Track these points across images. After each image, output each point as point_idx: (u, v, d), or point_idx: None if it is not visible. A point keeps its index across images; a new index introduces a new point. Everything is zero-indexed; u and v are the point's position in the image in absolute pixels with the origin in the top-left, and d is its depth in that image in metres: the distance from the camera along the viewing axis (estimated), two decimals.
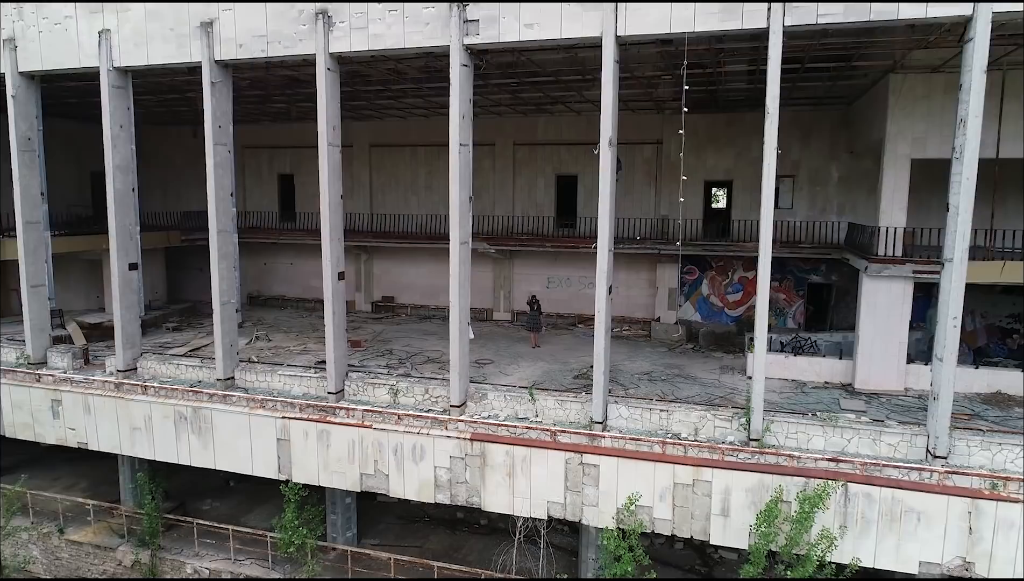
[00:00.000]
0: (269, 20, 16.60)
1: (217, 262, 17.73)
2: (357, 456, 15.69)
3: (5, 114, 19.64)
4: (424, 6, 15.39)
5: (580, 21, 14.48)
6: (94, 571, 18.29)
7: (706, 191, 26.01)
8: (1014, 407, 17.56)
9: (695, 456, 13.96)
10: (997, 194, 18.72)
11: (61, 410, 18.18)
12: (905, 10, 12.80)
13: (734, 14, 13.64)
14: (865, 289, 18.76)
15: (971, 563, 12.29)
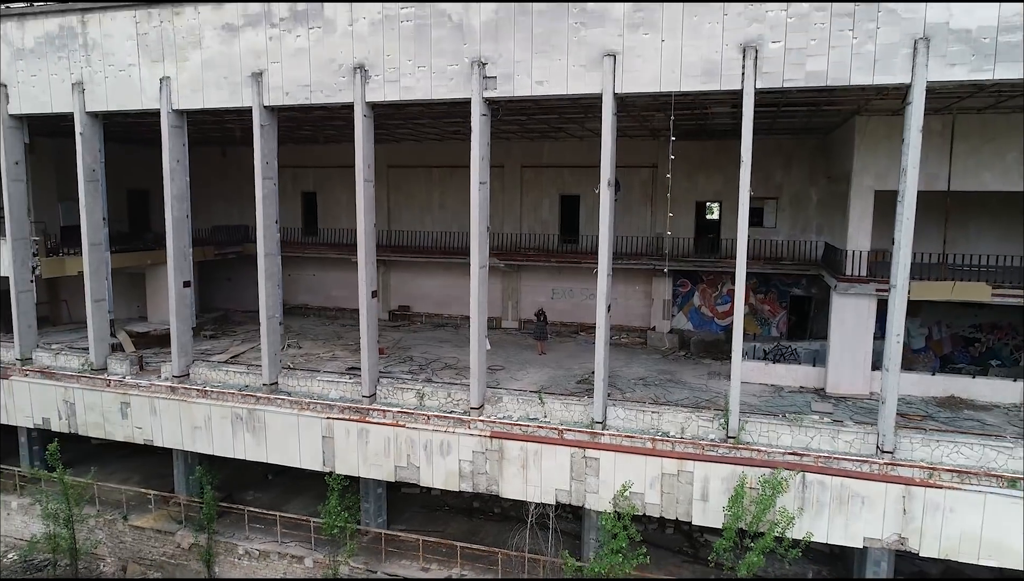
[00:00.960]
0: (312, 72, 19.26)
1: (264, 282, 20.38)
2: (392, 451, 18.40)
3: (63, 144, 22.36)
4: (449, 64, 18.05)
5: (583, 80, 17.14)
6: (155, 553, 20.96)
7: (697, 212, 28.67)
8: (964, 409, 20.24)
9: (680, 451, 16.64)
10: (949, 222, 21.49)
11: (129, 411, 20.88)
12: (856, 77, 15.47)
13: (714, 77, 16.31)
14: (835, 305, 21.42)
15: (905, 538, 14.99)
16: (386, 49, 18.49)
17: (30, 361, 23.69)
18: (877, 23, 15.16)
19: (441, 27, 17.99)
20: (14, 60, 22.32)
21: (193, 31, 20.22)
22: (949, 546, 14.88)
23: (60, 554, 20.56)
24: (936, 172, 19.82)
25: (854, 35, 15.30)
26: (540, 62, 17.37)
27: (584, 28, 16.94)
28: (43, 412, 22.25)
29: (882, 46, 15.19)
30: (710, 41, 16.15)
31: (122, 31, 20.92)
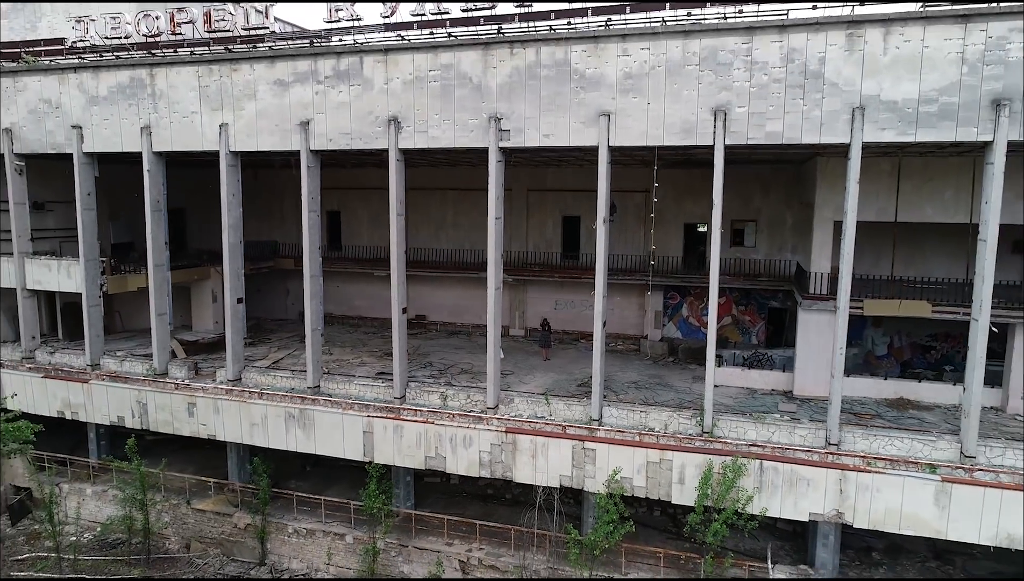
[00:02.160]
0: (352, 122, 22.96)
1: (309, 300, 24.10)
2: (423, 444, 22.13)
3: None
4: (470, 118, 21.74)
5: (583, 134, 20.84)
6: (215, 532, 24.68)
7: (686, 233, 32.33)
8: (910, 409, 23.90)
9: (663, 443, 20.36)
10: (905, 247, 25.19)
11: (195, 411, 24.61)
12: (806, 137, 19.17)
13: (691, 134, 20.01)
14: (800, 319, 25.10)
15: (842, 513, 18.72)
16: (416, 104, 22.21)
17: (98, 366, 27.41)
18: (823, 94, 18.87)
19: (463, 87, 21.70)
20: (89, 106, 26.02)
21: (249, 85, 23.93)
22: (876, 519, 18.62)
23: (134, 533, 24.28)
24: (885, 206, 23.54)
25: (804, 103, 19.02)
26: (547, 118, 21.09)
27: (583, 92, 20.65)
28: (118, 411, 25.98)
29: (827, 112, 18.91)
30: (687, 105, 19.86)
31: (186, 83, 24.64)
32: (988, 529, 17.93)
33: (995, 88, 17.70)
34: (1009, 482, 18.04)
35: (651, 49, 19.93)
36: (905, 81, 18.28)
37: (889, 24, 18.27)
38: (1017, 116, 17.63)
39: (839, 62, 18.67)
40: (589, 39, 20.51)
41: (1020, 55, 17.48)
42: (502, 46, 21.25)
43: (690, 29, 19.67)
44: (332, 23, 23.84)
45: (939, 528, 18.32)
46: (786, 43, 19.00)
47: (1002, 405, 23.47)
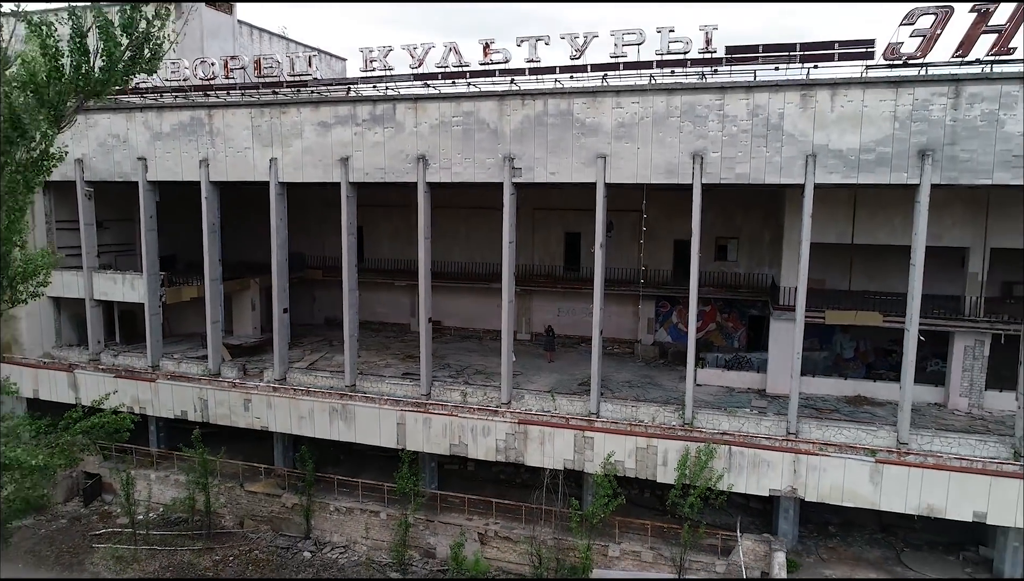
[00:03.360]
0: (386, 159, 27.18)
1: (348, 310, 28.31)
2: (448, 433, 26.37)
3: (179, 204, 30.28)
4: (487, 157, 25.95)
5: (583, 173, 25.04)
6: (265, 511, 28.91)
7: (675, 248, 36.50)
8: (865, 406, 28.11)
9: (650, 432, 24.59)
10: (864, 265, 29.36)
11: (250, 406, 28.84)
12: (768, 178, 23.39)
13: (673, 174, 24.22)
14: (772, 327, 29.28)
15: (795, 488, 22.98)
16: (441, 145, 26.43)
17: (158, 368, 31.63)
18: (782, 143, 23.09)
19: (482, 131, 25.92)
20: (153, 140, 30.23)
21: (296, 125, 28.15)
22: (823, 493, 22.90)
23: (195, 512, 28.50)
24: (844, 230, 27.75)
25: (767, 150, 23.24)
26: (553, 159, 25.31)
27: (584, 137, 24.87)
28: (181, 406, 30.21)
29: (785, 158, 23.13)
30: (670, 150, 24.09)
31: (240, 123, 28.84)
32: (912, 501, 22.19)
33: (921, 141, 21.92)
34: (932, 461, 22.29)
35: (640, 103, 24.15)
36: (849, 134, 22.51)
37: (835, 87, 22.50)
38: (939, 164, 21.86)
39: (795, 117, 22.89)
40: (589, 93, 24.74)
41: (940, 114, 21.70)
42: (515, 98, 25.49)
43: (673, 87, 23.90)
44: (367, 72, 28.08)
45: (873, 500, 22.58)
46: (752, 100, 23.22)
47: (945, 402, 27.70)
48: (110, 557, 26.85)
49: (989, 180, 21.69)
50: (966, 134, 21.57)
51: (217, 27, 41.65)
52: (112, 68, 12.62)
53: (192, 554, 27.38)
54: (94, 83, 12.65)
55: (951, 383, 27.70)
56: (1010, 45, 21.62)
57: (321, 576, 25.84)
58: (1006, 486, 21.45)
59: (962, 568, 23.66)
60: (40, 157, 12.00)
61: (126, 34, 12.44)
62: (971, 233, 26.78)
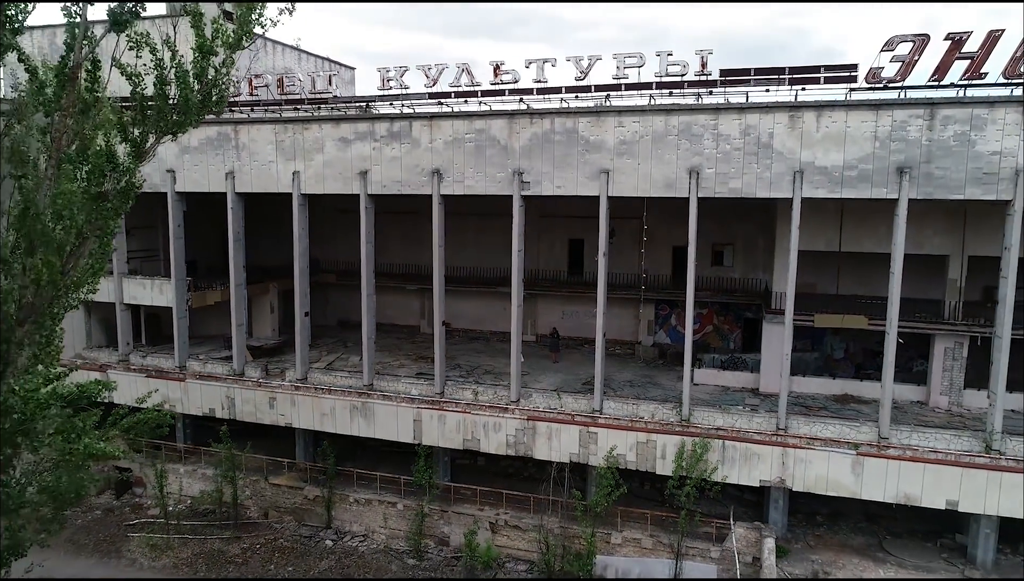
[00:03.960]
0: (403, 173, 29.17)
1: (366, 315, 30.32)
2: (461, 429, 28.39)
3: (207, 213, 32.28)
4: (497, 172, 27.94)
5: (587, 187, 27.04)
6: (288, 502, 30.93)
7: (674, 254, 38.49)
8: (851, 404, 30.11)
9: (650, 428, 26.61)
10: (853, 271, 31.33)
11: (275, 403, 30.87)
12: (759, 192, 25.39)
13: (671, 188, 26.21)
14: (764, 329, 31.28)
15: (784, 479, 25.00)
16: (455, 160, 28.43)
17: (185, 368, 33.65)
18: (771, 160, 25.09)
19: (493, 148, 27.92)
20: (181, 154, 32.23)
21: (317, 141, 30.15)
22: (808, 484, 24.92)
23: (222, 504, 30.51)
24: (831, 238, 29.76)
25: (757, 166, 25.24)
26: (559, 173, 27.32)
27: (588, 153, 26.87)
28: (209, 404, 32.24)
29: (775, 174, 25.13)
30: (669, 165, 26.09)
31: (265, 138, 30.84)
32: (891, 491, 24.21)
33: (899, 158, 23.93)
34: (910, 454, 24.32)
35: (641, 122, 26.16)
36: (833, 152, 24.51)
37: (821, 109, 24.52)
38: (916, 180, 23.86)
39: (784, 136, 24.90)
40: (593, 113, 26.75)
41: (917, 135, 23.70)
42: (524, 116, 27.49)
43: (671, 108, 25.92)
44: (384, 90, 30.09)
45: (855, 490, 24.61)
46: (744, 121, 25.22)
47: (927, 400, 29.72)
48: (145, 545, 28.86)
49: (961, 195, 23.70)
50: (940, 153, 23.57)
51: None
52: (188, 111, 14.64)
53: (221, 542, 29.39)
54: (171, 125, 14.68)
55: (932, 382, 29.69)
56: (982, 70, 23.62)
57: (344, 562, 27.86)
58: (976, 476, 23.49)
59: (939, 553, 25.66)
60: (127, 187, 14.02)
61: (198, 80, 14.43)
62: (950, 242, 28.78)
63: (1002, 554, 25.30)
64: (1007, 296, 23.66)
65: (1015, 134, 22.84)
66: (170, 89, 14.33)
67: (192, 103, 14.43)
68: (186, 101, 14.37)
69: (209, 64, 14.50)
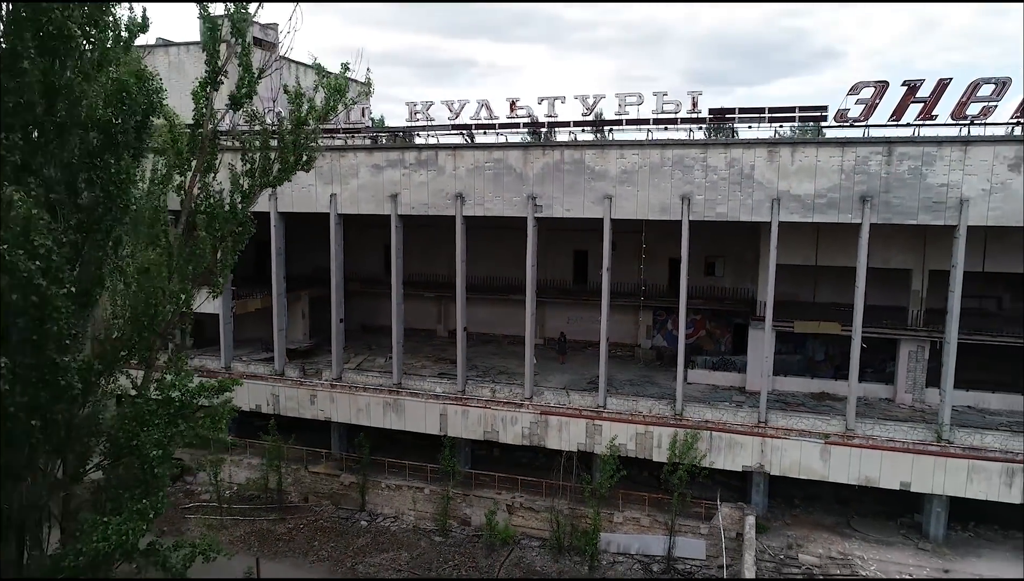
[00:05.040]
0: (429, 196, 33.33)
1: (395, 322, 34.46)
2: (482, 422, 32.57)
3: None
4: (513, 196, 32.08)
5: (592, 210, 31.19)
6: (326, 488, 35.08)
7: (670, 265, 42.64)
8: (827, 401, 34.30)
9: (648, 421, 30.81)
10: (832, 281, 35.53)
11: (316, 400, 35.04)
12: (742, 217, 29.55)
13: (666, 212, 30.37)
14: (751, 334, 35.45)
15: (763, 465, 29.22)
16: (475, 185, 32.58)
17: (230, 369, 37.80)
18: (753, 189, 29.25)
19: (509, 175, 32.07)
20: None
21: (352, 167, 34.29)
22: (784, 468, 29.12)
23: (267, 490, 34.65)
24: (809, 254, 33.96)
25: (741, 194, 29.41)
26: (568, 198, 31.48)
27: (593, 181, 31.03)
28: (256, 401, 36.38)
29: (756, 201, 29.30)
30: (664, 192, 30.25)
31: None
32: (853, 474, 28.43)
33: (862, 189, 28.10)
34: (870, 443, 28.54)
35: (639, 155, 30.33)
36: (805, 182, 28.69)
37: (795, 145, 28.69)
38: (876, 207, 28.03)
39: (763, 168, 29.07)
40: (598, 146, 30.94)
41: (877, 168, 27.87)
42: (537, 148, 31.67)
43: (666, 143, 30.10)
44: (412, 123, 34.25)
45: (823, 474, 28.82)
46: (729, 154, 29.39)
47: (893, 397, 33.92)
48: (202, 525, 32.98)
49: (915, 221, 27.90)
50: (897, 184, 27.75)
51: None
52: (286, 170, 18.77)
53: (268, 523, 33.56)
54: (273, 180, 18.82)
55: (898, 381, 33.93)
56: (933, 112, 27.81)
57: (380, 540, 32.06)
58: (925, 461, 27.71)
59: (898, 530, 29.84)
60: (243, 232, 18.17)
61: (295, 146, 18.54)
62: (913, 258, 33.02)
63: (952, 530, 29.47)
64: (954, 308, 27.84)
65: (959, 169, 27.02)
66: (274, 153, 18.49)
67: (289, 164, 18.55)
68: (284, 163, 18.51)
69: (303, 133, 18.64)
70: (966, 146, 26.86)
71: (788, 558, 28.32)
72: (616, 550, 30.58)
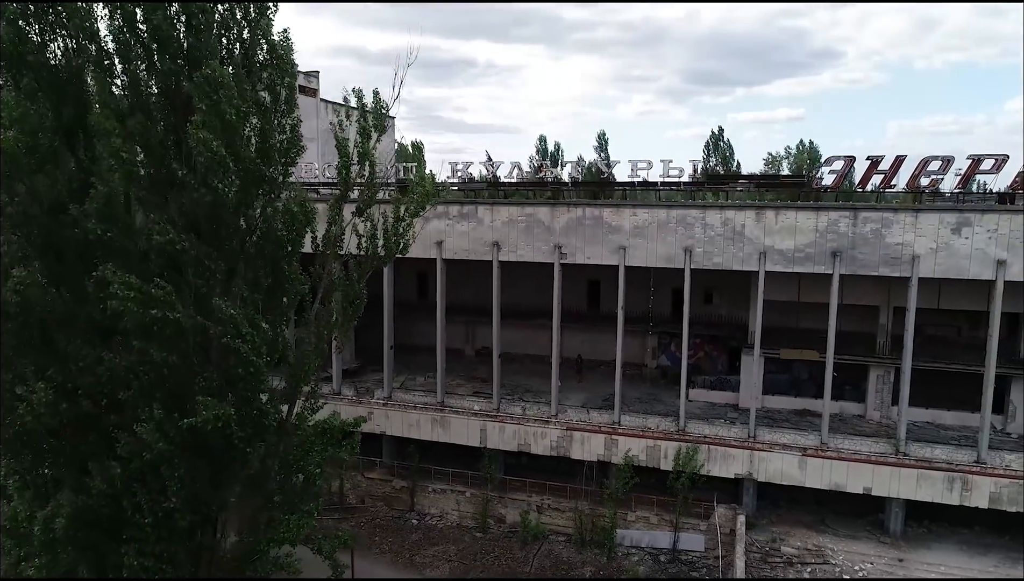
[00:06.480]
0: (470, 243, 39.74)
1: (440, 347, 40.90)
2: (516, 436, 39.05)
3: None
4: (542, 245, 38.50)
5: (609, 258, 37.62)
6: (379, 491, 41.46)
7: (673, 295, 49.07)
8: (808, 417, 40.83)
9: (656, 436, 37.32)
10: (812, 313, 42.08)
11: (372, 416, 41.48)
12: (734, 266, 36.00)
13: (672, 261, 36.84)
14: (743, 359, 41.95)
15: (751, 473, 35.76)
16: (509, 235, 39.00)
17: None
18: (744, 244, 35.72)
19: (538, 227, 38.50)
20: None
21: None
22: (769, 475, 35.63)
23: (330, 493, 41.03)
24: (792, 292, 40.48)
25: (734, 248, 35.87)
26: (589, 248, 37.93)
27: (610, 234, 37.47)
28: None
29: (746, 254, 35.77)
30: (669, 245, 36.70)
31: None
32: (825, 480, 34.95)
33: (833, 245, 34.54)
34: (839, 455, 35.07)
35: (649, 214, 36.77)
36: (787, 239, 35.15)
37: (778, 209, 35.15)
38: (845, 261, 34.45)
39: (752, 227, 35.51)
40: (614, 206, 37.38)
41: (845, 229, 34.31)
42: (562, 206, 38.10)
43: (671, 205, 36.56)
44: (451, 179, 40.67)
45: (801, 480, 35.36)
46: (723, 215, 35.84)
47: (864, 414, 40.48)
48: None
49: (876, 273, 34.38)
50: (861, 242, 34.18)
51: (305, 109, 54.07)
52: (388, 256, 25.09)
53: (332, 521, 39.97)
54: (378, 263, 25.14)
55: (868, 400, 40.48)
56: (892, 182, 34.31)
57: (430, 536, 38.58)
58: (884, 471, 34.26)
59: (864, 526, 36.38)
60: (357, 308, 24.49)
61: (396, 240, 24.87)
62: (880, 296, 39.54)
63: (909, 527, 35.99)
64: (907, 343, 34.30)
65: (912, 231, 33.49)
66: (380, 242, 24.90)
67: (391, 253, 24.94)
68: (388, 251, 24.90)
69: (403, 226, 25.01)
70: (916, 213, 33.34)
71: (772, 550, 34.83)
72: (629, 544, 37.08)
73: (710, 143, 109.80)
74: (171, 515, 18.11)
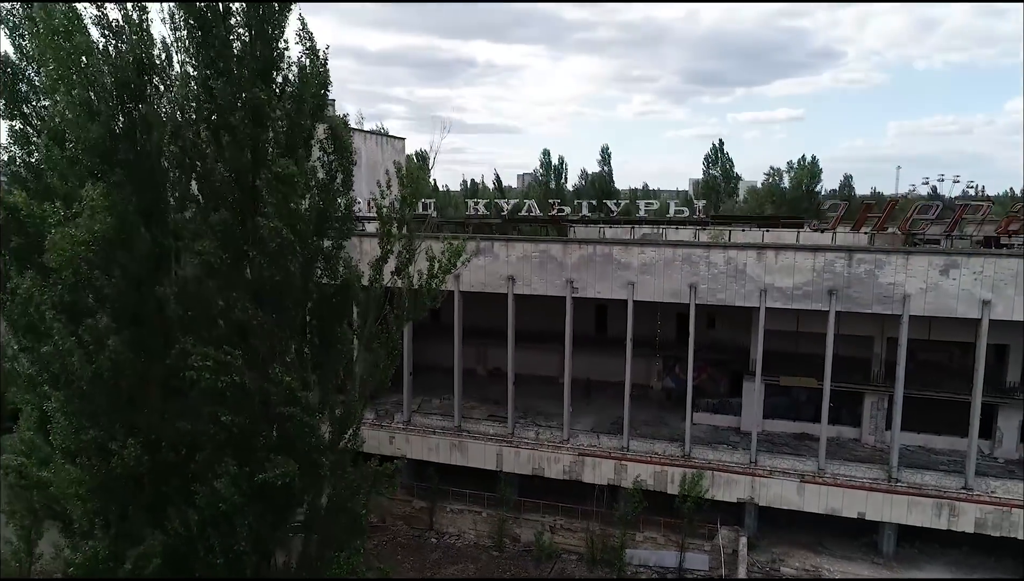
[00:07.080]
0: (486, 278, 42.15)
1: (457, 372, 43.33)
2: (531, 460, 41.47)
3: None
4: (555, 279, 40.92)
5: (619, 293, 40.03)
6: (399, 511, 43.87)
7: (677, 319, 51.52)
8: (807, 441, 43.28)
9: (662, 461, 39.76)
10: (800, 338, 44.52)
11: (394, 440, 43.90)
12: (737, 302, 38.46)
13: (677, 296, 39.26)
14: (744, 385, 44.40)
15: (753, 497, 38.21)
16: (524, 270, 41.42)
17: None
18: (745, 282, 38.16)
19: (552, 263, 40.92)
20: None
21: None
22: (769, 499, 38.07)
23: None
24: (791, 323, 42.92)
25: (736, 285, 38.32)
26: (599, 283, 40.36)
27: (619, 270, 39.90)
28: None
29: (747, 291, 38.21)
30: (675, 281, 39.12)
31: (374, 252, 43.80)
32: (821, 505, 37.41)
33: (829, 284, 36.98)
34: (835, 482, 37.52)
35: (656, 252, 39.20)
36: (787, 278, 37.59)
37: (777, 250, 37.59)
38: (841, 298, 36.90)
39: (753, 265, 37.95)
40: (622, 244, 39.80)
41: (841, 269, 36.76)
42: (573, 243, 40.53)
43: (677, 244, 38.99)
44: (470, 213, 43.08)
45: (799, 504, 37.81)
46: (726, 254, 38.27)
47: (860, 437, 42.95)
48: None
49: (870, 310, 36.81)
50: (855, 282, 36.62)
51: None
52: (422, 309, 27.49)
53: None
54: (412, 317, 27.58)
55: (864, 425, 42.95)
56: (886, 225, 36.79)
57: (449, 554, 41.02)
58: (877, 497, 36.71)
59: (859, 547, 38.86)
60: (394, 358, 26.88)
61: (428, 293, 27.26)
62: (874, 327, 41.99)
63: (901, 548, 38.45)
64: (899, 375, 36.75)
65: (903, 272, 35.93)
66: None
67: (423, 306, 27.36)
68: (425, 303, 27.31)
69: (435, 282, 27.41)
70: (907, 255, 35.79)
71: (772, 570, 37.31)
72: (638, 563, 39.52)
73: (710, 156, 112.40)
74: (240, 557, 20.53)
